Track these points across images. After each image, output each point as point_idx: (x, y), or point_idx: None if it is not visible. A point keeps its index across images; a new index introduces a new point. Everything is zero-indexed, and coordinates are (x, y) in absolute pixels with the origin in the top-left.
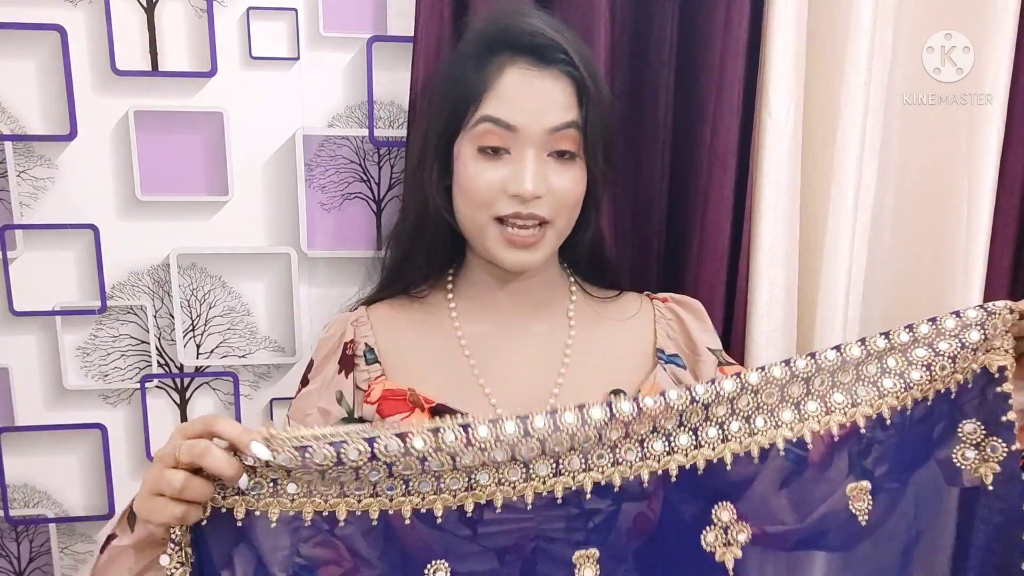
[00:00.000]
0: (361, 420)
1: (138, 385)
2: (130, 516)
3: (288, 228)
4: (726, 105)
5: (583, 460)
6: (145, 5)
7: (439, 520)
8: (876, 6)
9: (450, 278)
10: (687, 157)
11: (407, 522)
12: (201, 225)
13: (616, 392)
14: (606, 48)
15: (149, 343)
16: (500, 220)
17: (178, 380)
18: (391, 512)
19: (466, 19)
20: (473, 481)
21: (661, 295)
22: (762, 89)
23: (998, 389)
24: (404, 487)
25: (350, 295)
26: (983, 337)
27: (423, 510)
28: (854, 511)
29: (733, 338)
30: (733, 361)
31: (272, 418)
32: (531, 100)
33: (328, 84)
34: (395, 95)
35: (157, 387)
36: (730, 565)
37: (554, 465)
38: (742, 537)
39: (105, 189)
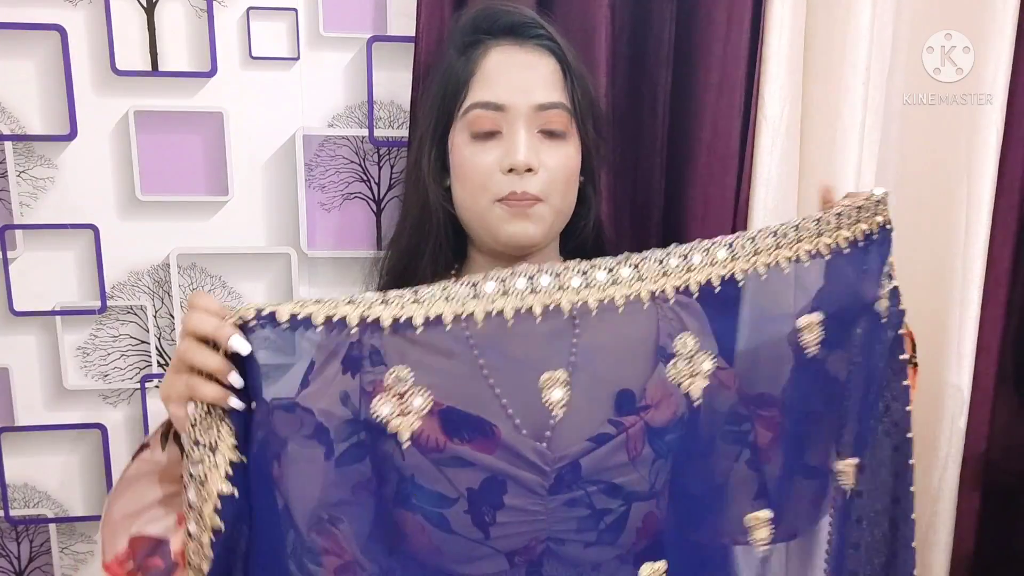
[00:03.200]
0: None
1: (138, 385)
2: (163, 436)
3: (288, 228)
4: (725, 105)
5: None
6: (145, 5)
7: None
8: (875, 6)
9: (453, 275)
10: (686, 157)
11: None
12: (201, 225)
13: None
14: (606, 48)
15: (149, 343)
16: (500, 203)
17: None
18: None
19: (456, 16)
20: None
21: None
22: (758, 90)
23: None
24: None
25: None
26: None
27: (432, 316)
28: (803, 343)
29: None
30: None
31: None
32: (516, 77)
33: (328, 84)
34: (395, 95)
35: (157, 387)
36: (696, 395)
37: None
38: (706, 367)
39: (105, 189)
